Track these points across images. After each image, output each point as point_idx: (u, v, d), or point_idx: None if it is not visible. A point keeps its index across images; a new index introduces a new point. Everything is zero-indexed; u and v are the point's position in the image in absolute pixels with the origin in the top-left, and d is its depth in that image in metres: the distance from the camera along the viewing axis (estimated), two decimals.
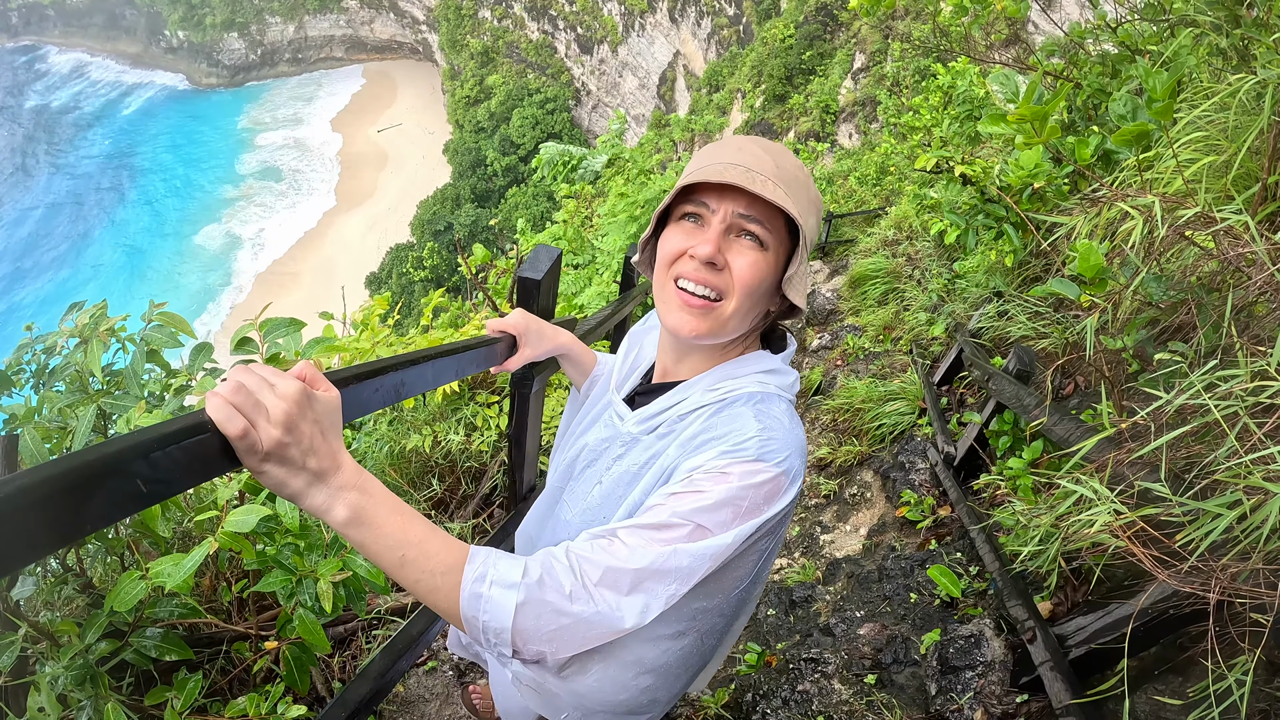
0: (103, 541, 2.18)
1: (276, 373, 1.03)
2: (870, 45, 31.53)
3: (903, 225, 9.53)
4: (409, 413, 5.18)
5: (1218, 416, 1.43)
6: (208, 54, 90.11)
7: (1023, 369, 3.79)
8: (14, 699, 2.17)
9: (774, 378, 1.47)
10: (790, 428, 1.39)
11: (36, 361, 2.76)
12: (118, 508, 0.85)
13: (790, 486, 1.33)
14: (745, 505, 1.27)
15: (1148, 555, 1.58)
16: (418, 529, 1.14)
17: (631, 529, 1.26)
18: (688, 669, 1.62)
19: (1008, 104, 2.74)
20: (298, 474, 1.04)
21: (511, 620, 1.15)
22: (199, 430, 0.93)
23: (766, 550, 1.45)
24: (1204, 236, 1.96)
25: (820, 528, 5.35)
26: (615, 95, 70.99)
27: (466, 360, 1.74)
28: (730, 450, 1.31)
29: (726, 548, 1.26)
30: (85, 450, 0.82)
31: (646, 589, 1.23)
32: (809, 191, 1.41)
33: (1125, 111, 2.63)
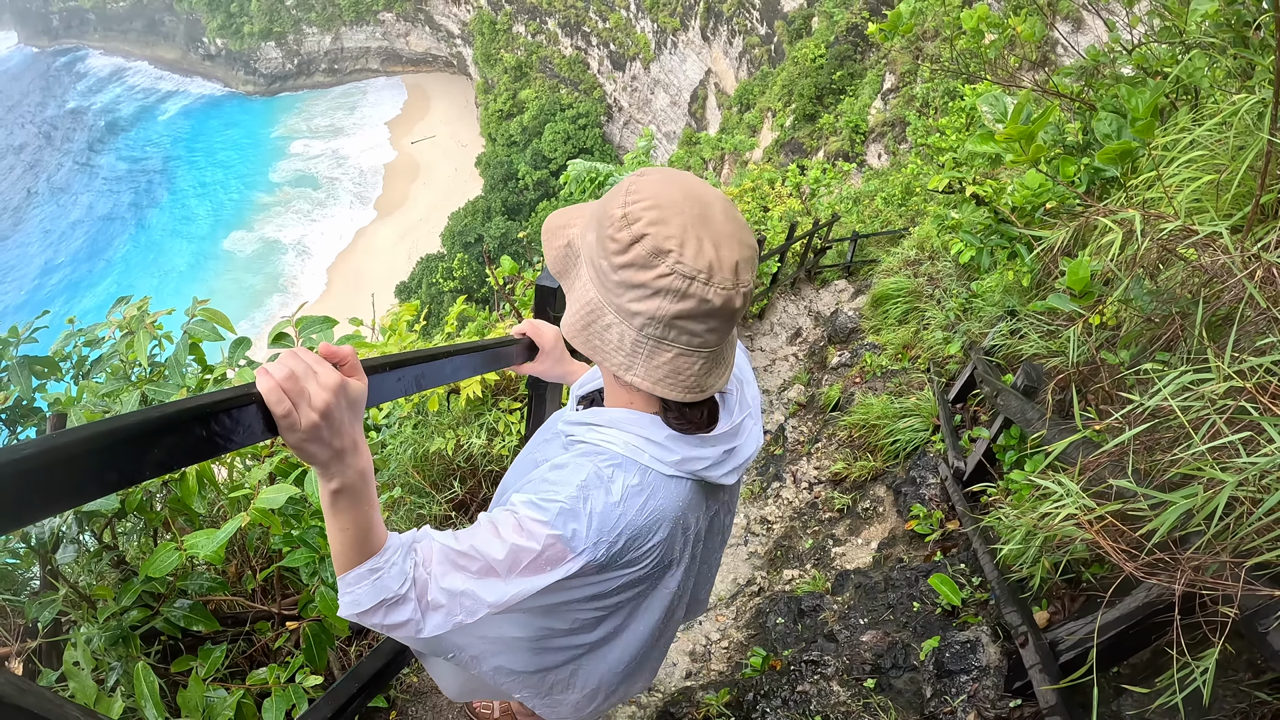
0: (142, 514, 2.32)
1: (321, 361, 1.19)
2: (900, 66, 31.51)
3: (925, 245, 9.58)
4: (433, 416, 5.30)
5: (1181, 417, 1.52)
6: (245, 62, 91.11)
7: (1030, 385, 3.87)
8: (49, 658, 2.31)
9: (651, 448, 1.44)
10: (615, 505, 1.38)
11: (77, 353, 2.90)
12: (175, 458, 1.00)
13: (574, 559, 1.36)
14: (524, 564, 1.34)
15: (1115, 548, 1.67)
16: (370, 517, 1.33)
17: (443, 548, 1.37)
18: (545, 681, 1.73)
19: (996, 124, 2.83)
20: (324, 448, 1.20)
21: (370, 605, 1.33)
22: (248, 401, 1.10)
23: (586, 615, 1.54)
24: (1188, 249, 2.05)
25: (832, 540, 5.43)
26: (647, 112, 71.25)
27: (483, 359, 1.85)
28: (538, 503, 1.37)
29: (506, 598, 1.35)
30: (154, 407, 0.98)
31: (445, 611, 1.36)
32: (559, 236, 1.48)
33: (1110, 130, 2.73)
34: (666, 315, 1.29)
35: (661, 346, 1.33)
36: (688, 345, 1.33)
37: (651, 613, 1.64)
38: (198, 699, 2.06)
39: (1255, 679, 2.02)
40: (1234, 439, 1.48)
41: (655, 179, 1.34)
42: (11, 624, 2.57)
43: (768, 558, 5.71)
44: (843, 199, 20.09)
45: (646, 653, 1.77)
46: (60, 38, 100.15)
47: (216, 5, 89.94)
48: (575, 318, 1.39)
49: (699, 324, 1.30)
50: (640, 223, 1.27)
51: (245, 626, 2.82)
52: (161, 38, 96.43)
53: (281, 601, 2.89)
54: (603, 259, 1.32)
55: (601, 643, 1.68)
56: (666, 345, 1.33)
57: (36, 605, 2.18)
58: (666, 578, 1.59)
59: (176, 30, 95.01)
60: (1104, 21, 4.77)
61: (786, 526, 6.02)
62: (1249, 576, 1.69)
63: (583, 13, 74.50)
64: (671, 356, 1.34)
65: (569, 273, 1.44)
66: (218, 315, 2.61)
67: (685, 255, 1.25)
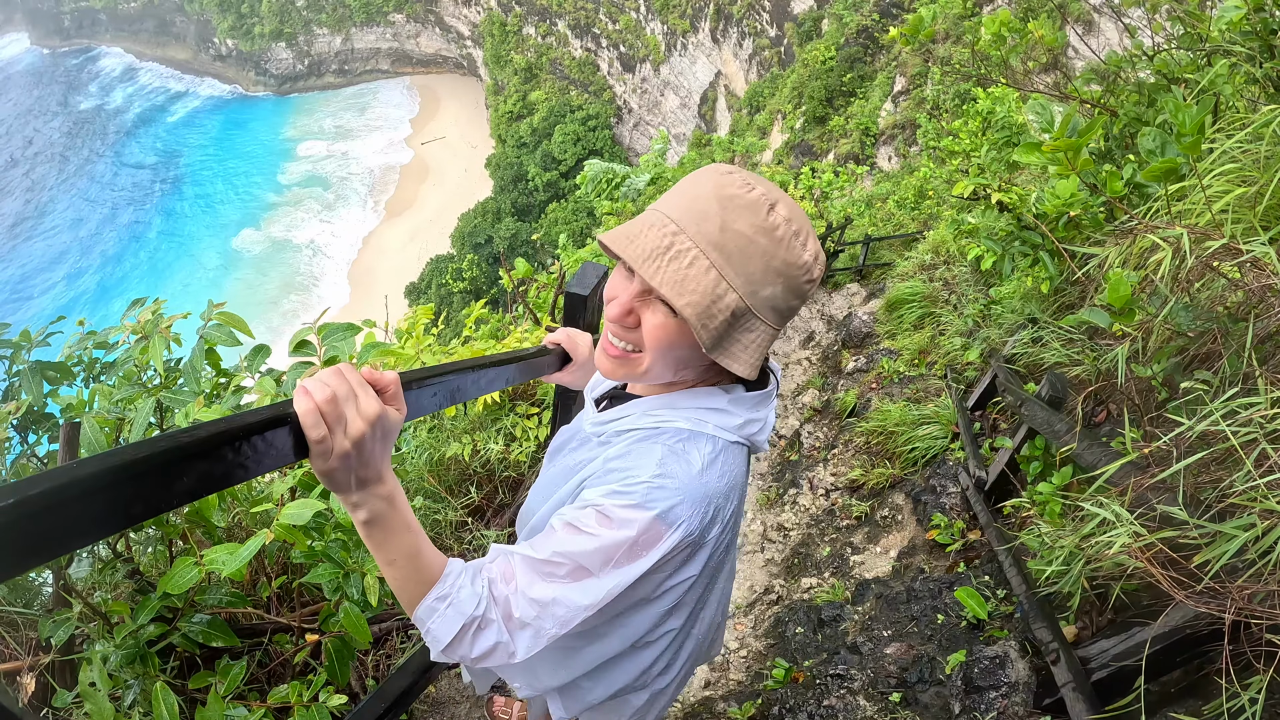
0: (159, 527, 2.29)
1: (364, 385, 1.15)
2: (911, 69, 31.43)
3: (940, 250, 9.52)
4: (449, 421, 5.27)
5: (1234, 442, 1.48)
6: (256, 63, 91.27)
7: (1055, 395, 3.82)
8: (61, 675, 2.28)
9: (715, 416, 1.45)
10: (697, 474, 1.37)
11: (88, 355, 2.86)
12: (205, 485, 0.94)
13: (671, 534, 1.33)
14: (620, 553, 1.32)
15: (1166, 576, 1.63)
16: (415, 543, 1.28)
17: (525, 559, 1.35)
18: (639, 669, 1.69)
19: (1043, 133, 2.78)
20: (349, 476, 1.15)
21: (451, 637, 1.29)
22: (282, 423, 1.04)
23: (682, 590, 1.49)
24: (1231, 267, 2.00)
25: (851, 549, 5.38)
26: (657, 114, 71.22)
27: (516, 370, 1.82)
28: (620, 491, 1.34)
29: (603, 595, 1.32)
30: (182, 431, 0.92)
31: (533, 629, 1.32)
32: (772, 259, 1.31)
33: (1154, 147, 2.67)
34: (796, 307, 1.40)
35: (772, 335, 1.39)
36: (781, 328, 1.40)
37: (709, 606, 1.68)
38: (217, 717, 2.02)
39: None
40: None
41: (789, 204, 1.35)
42: (24, 637, 2.53)
43: (785, 565, 5.67)
44: (854, 202, 20.01)
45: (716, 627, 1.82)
46: (72, 38, 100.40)
47: (227, 6, 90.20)
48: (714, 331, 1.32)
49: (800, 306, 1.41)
50: (804, 234, 1.34)
51: (264, 638, 2.79)
52: (173, 38, 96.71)
53: (301, 612, 2.85)
54: (794, 299, 1.38)
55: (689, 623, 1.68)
56: (774, 333, 1.39)
57: (50, 624, 2.14)
58: (729, 559, 1.64)
59: (187, 31, 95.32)
60: (1125, 26, 4.72)
61: (804, 534, 5.98)
62: None
63: (593, 14, 74.53)
64: (768, 340, 1.39)
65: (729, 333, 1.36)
66: (235, 319, 2.54)
67: (816, 267, 1.37)
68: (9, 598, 2.28)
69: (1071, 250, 3.45)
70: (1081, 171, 2.60)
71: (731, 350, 1.34)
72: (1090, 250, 2.92)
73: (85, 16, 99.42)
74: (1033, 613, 3.04)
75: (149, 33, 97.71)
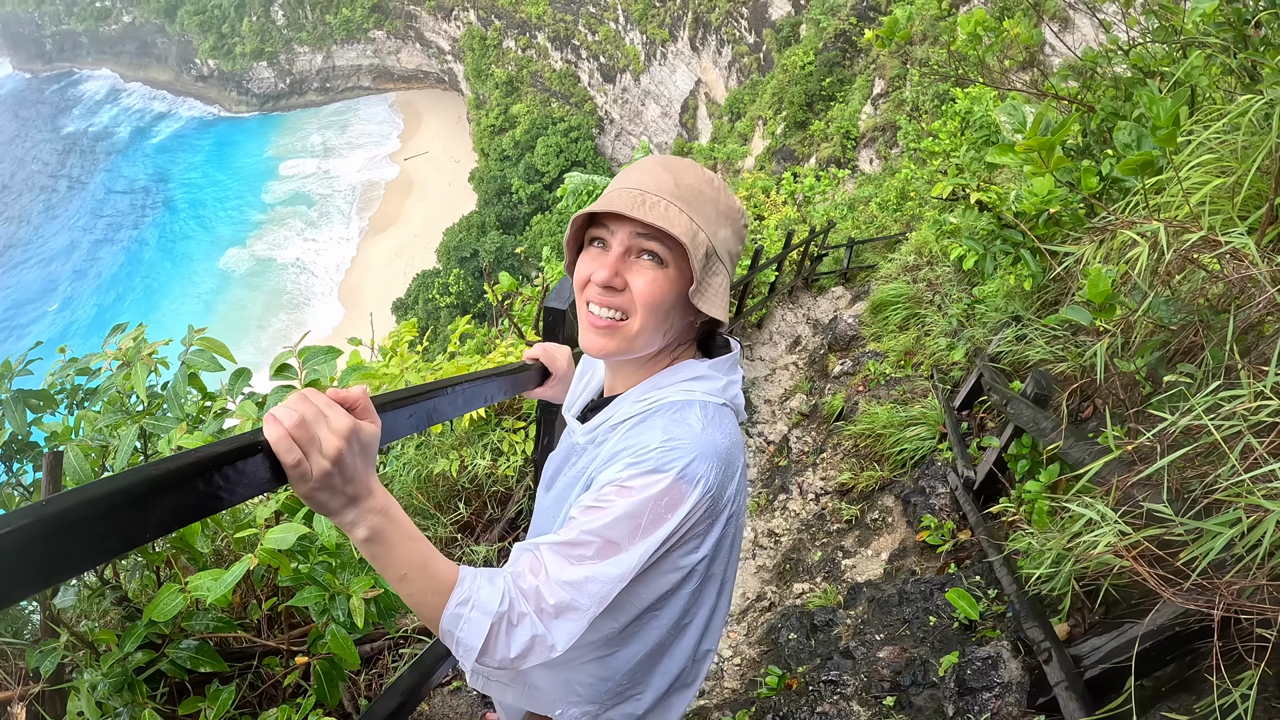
0: (143, 555, 2.28)
1: (332, 405, 1.15)
2: (890, 71, 31.59)
3: (923, 251, 9.54)
4: (436, 437, 5.25)
5: (1217, 437, 1.48)
6: (238, 82, 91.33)
7: (1040, 393, 3.82)
8: (51, 705, 2.25)
9: (700, 384, 1.52)
10: (702, 433, 1.42)
11: (71, 382, 2.85)
12: (178, 517, 0.94)
13: (692, 491, 1.37)
14: (645, 518, 1.33)
15: (1152, 574, 1.62)
16: (423, 553, 1.28)
17: (551, 546, 1.35)
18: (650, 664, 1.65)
19: (1015, 134, 2.79)
20: (335, 496, 1.16)
21: (482, 640, 1.27)
22: (255, 451, 1.04)
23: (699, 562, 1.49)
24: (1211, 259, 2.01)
25: (842, 552, 5.37)
26: (638, 123, 71.41)
27: (497, 387, 1.82)
28: (633, 463, 1.37)
29: (635, 563, 1.34)
30: (153, 464, 0.91)
31: (569, 615, 1.32)
32: (718, 204, 1.48)
33: (1130, 140, 2.68)
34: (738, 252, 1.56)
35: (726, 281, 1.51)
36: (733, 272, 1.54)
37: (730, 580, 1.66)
38: None
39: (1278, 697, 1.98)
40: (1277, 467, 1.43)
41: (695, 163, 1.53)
42: (14, 666, 2.51)
43: (776, 571, 5.66)
44: (837, 205, 20.07)
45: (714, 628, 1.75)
46: (54, 62, 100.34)
47: (208, 27, 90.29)
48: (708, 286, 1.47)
49: None
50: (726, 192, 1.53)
51: (253, 662, 2.76)
52: (154, 59, 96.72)
53: (289, 634, 2.83)
54: (738, 244, 1.54)
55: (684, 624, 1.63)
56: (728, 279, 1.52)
57: (37, 655, 2.12)
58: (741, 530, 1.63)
59: (169, 52, 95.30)
60: (1100, 21, 4.74)
61: (794, 539, 5.97)
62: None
63: (572, 26, 74.76)
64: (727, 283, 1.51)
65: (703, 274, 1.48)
66: (216, 344, 2.55)
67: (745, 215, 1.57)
68: None
69: (1053, 248, 3.45)
70: (1057, 169, 2.61)
71: (708, 295, 1.45)
72: (1068, 249, 2.93)
73: (67, 40, 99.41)
74: (1024, 612, 3.04)
75: (131, 54, 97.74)
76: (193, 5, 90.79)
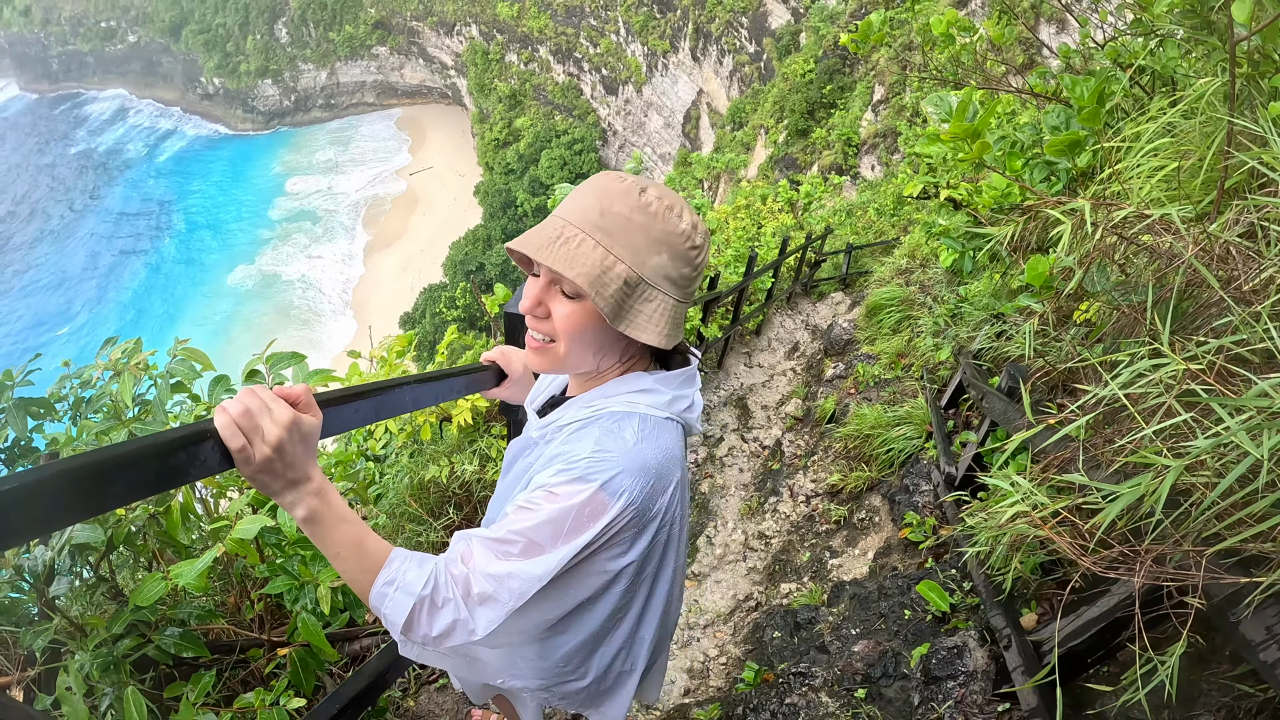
0: (130, 548, 2.39)
1: (276, 399, 1.28)
2: (889, 77, 31.64)
3: (915, 254, 9.60)
4: (428, 445, 5.33)
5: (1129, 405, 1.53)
6: (243, 100, 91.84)
7: (1013, 386, 3.87)
8: (46, 686, 2.38)
9: (645, 397, 1.57)
10: (633, 448, 1.48)
11: (74, 394, 2.97)
12: (134, 491, 1.10)
13: (614, 503, 1.44)
14: (568, 525, 1.42)
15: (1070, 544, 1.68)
16: (356, 534, 1.41)
17: (481, 540, 1.45)
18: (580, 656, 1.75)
19: (942, 123, 2.85)
20: (276, 479, 1.29)
21: (404, 618, 1.39)
22: (205, 438, 1.18)
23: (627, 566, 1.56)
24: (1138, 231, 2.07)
25: (829, 552, 5.42)
26: (641, 135, 71.61)
27: (449, 386, 1.89)
28: (563, 469, 1.46)
29: (555, 565, 1.42)
30: (114, 445, 1.06)
31: (490, 604, 1.42)
32: (650, 231, 1.47)
33: (1059, 123, 2.75)
34: (689, 278, 1.53)
35: (677, 307, 1.53)
36: (685, 299, 1.55)
37: (664, 580, 1.73)
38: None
39: (1234, 670, 2.02)
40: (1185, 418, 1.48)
41: (659, 187, 1.53)
42: (14, 654, 2.62)
43: (766, 573, 5.71)
44: (836, 211, 20.14)
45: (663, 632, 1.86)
46: (60, 82, 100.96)
47: (213, 45, 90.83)
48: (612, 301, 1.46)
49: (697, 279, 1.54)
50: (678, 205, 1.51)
51: (239, 654, 2.86)
52: (160, 78, 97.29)
53: (273, 630, 2.93)
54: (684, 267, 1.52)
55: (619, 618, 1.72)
56: (678, 305, 1.53)
57: (31, 634, 2.25)
58: (679, 535, 1.70)
59: (174, 71, 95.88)
60: (1075, 19, 4.80)
61: (785, 541, 6.02)
62: (1214, 564, 1.70)
63: (574, 39, 75.03)
64: (673, 308, 1.52)
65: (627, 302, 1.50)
66: (197, 354, 2.71)
67: (697, 236, 1.51)
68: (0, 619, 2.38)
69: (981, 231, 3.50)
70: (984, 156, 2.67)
71: (636, 321, 1.49)
72: (988, 231, 2.99)
73: (73, 60, 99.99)
74: (987, 600, 3.09)
75: (136, 74, 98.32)
76: (197, 24, 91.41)
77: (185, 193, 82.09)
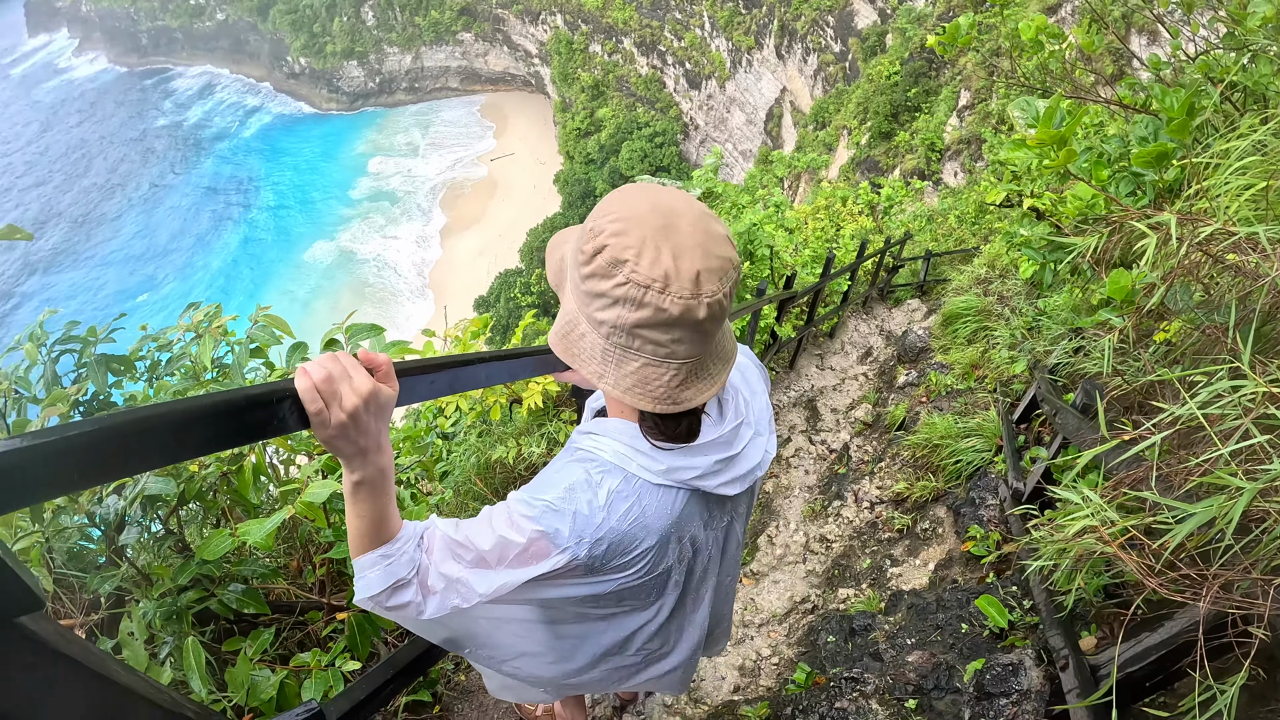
0: (202, 503, 2.46)
1: (357, 366, 1.29)
2: (976, 83, 31.04)
3: (995, 263, 9.44)
4: (496, 426, 5.41)
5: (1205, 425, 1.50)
6: (328, 80, 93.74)
7: (1089, 403, 3.79)
8: (108, 629, 2.48)
9: (639, 457, 1.48)
10: (599, 509, 1.43)
11: (151, 357, 3.06)
12: (212, 442, 1.14)
13: (557, 555, 1.42)
14: (512, 556, 1.43)
15: (1138, 563, 1.64)
16: (386, 509, 1.44)
17: (444, 536, 1.49)
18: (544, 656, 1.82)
19: (1029, 129, 2.79)
20: (348, 444, 1.31)
21: (380, 590, 1.44)
22: (285, 397, 1.21)
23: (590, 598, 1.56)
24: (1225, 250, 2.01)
25: (890, 561, 5.37)
26: (723, 130, 71.34)
27: (520, 365, 1.92)
28: (527, 500, 1.46)
29: (495, 587, 1.44)
30: (199, 396, 1.09)
31: (437, 598, 1.47)
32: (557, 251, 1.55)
33: (1147, 134, 2.68)
34: (627, 323, 1.32)
35: (628, 355, 1.36)
36: (654, 355, 1.36)
37: (660, 616, 1.73)
38: (244, 676, 2.22)
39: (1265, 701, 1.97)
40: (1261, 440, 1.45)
41: (629, 192, 1.41)
42: (78, 599, 2.73)
43: (825, 576, 5.68)
44: (916, 217, 19.85)
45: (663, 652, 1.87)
46: (149, 56, 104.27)
47: (300, 25, 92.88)
48: (558, 326, 1.46)
49: (661, 333, 1.33)
50: (603, 234, 1.32)
51: (299, 615, 2.95)
52: (247, 56, 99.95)
53: (334, 594, 3.01)
54: (574, 270, 1.39)
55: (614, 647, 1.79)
56: (633, 354, 1.36)
57: (98, 578, 2.34)
58: (669, 586, 1.66)
59: (261, 49, 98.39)
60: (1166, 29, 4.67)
61: (846, 545, 5.98)
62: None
63: (658, 32, 75.00)
64: (638, 366, 1.37)
65: (562, 286, 1.50)
66: (278, 321, 2.78)
67: (641, 265, 1.28)
68: (68, 564, 2.48)
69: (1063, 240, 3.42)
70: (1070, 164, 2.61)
71: (578, 357, 1.42)
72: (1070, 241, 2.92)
73: (162, 35, 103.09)
74: (1047, 619, 3.04)
75: (224, 51, 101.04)
76: (285, 4, 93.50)
77: (274, 168, 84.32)
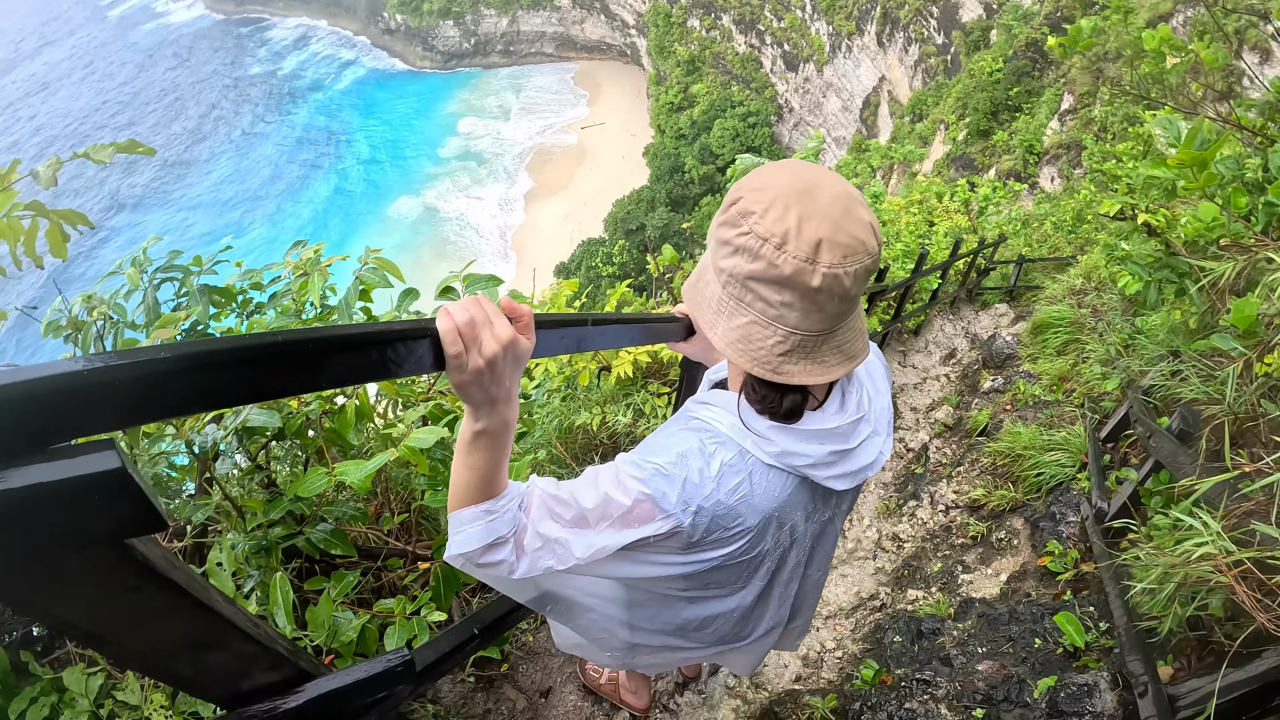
0: (299, 438, 2.51)
1: (499, 314, 1.28)
2: (1080, 87, 30.06)
3: (1091, 276, 9.19)
4: (582, 391, 5.46)
5: None
6: (423, 38, 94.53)
7: (1185, 429, 3.71)
8: (192, 558, 2.54)
9: (754, 437, 1.49)
10: (710, 480, 1.44)
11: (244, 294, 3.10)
12: (349, 375, 1.12)
13: (660, 519, 1.42)
14: (616, 516, 1.42)
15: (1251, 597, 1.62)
16: (500, 463, 1.43)
17: (543, 495, 1.48)
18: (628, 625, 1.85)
19: (1169, 148, 2.71)
20: (480, 392, 1.29)
21: (478, 545, 1.43)
22: (425, 335, 1.19)
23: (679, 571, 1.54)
24: None
25: (962, 567, 5.32)
26: (818, 115, 70.34)
27: (641, 331, 1.92)
28: (639, 460, 1.46)
29: (594, 548, 1.43)
30: (340, 326, 1.10)
31: (532, 557, 1.46)
32: None
33: None
34: (741, 274, 1.35)
35: (740, 309, 1.39)
36: (762, 314, 1.37)
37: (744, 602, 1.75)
38: (325, 617, 2.22)
39: None
40: None
41: (786, 163, 1.42)
42: None
43: (894, 575, 5.65)
44: (1011, 220, 19.39)
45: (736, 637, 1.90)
46: (245, 5, 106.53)
47: None
48: (694, 274, 1.53)
49: (773, 292, 1.34)
50: (745, 188, 1.35)
51: (378, 561, 3.00)
52: (343, 10, 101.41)
53: (415, 542, 3.06)
54: (714, 221, 1.41)
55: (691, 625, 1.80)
56: (744, 308, 1.39)
57: (191, 506, 2.40)
58: (759, 574, 1.67)
59: (358, 4, 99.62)
60: None
61: (917, 547, 5.94)
62: None
63: (758, 11, 74.10)
64: (746, 322, 1.39)
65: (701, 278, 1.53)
66: (389, 265, 2.76)
67: (766, 219, 1.30)
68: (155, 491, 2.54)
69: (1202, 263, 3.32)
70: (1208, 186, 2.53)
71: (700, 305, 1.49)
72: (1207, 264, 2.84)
73: None
74: (1128, 643, 2.99)
75: (320, 3, 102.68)
76: None
77: (366, 121, 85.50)
